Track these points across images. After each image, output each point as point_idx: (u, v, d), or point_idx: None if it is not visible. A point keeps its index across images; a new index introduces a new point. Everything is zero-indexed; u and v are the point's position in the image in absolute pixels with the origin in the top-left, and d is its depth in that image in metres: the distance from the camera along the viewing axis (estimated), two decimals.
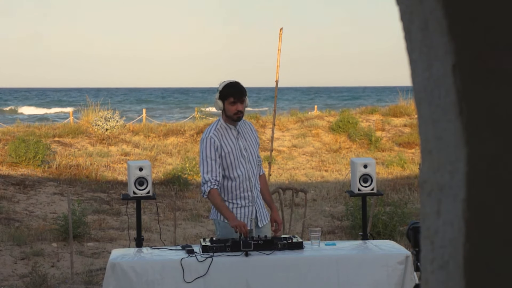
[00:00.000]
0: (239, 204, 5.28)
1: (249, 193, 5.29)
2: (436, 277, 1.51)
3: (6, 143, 15.99)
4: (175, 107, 58.55)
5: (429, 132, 1.54)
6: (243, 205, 5.28)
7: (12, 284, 7.27)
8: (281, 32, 8.58)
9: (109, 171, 15.21)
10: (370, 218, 7.93)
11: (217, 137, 5.23)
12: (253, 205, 5.31)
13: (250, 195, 5.29)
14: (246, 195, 5.28)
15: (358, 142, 19.03)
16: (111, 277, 4.84)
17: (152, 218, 10.86)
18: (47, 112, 50.47)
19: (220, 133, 5.26)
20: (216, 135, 5.23)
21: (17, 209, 11.19)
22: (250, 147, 5.34)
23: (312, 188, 13.54)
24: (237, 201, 5.28)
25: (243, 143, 5.31)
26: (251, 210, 5.30)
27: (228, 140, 5.27)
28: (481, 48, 1.40)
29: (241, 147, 5.30)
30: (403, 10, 1.58)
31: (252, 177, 5.31)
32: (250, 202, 5.29)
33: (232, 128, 5.30)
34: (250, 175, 5.29)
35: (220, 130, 5.28)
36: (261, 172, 5.51)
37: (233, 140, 5.28)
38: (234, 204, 5.27)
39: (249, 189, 5.29)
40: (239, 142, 5.30)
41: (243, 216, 5.27)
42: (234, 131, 5.30)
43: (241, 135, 5.33)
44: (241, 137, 5.32)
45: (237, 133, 5.31)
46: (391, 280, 4.99)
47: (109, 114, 18.92)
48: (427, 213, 1.55)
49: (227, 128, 5.29)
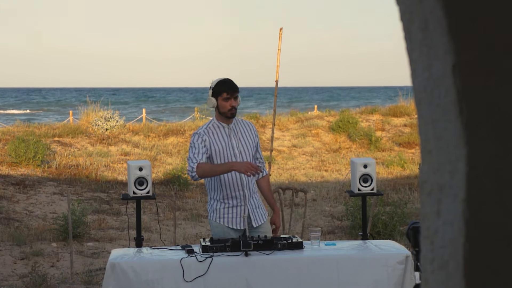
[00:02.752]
0: (230, 204, 5.27)
1: (240, 193, 5.27)
2: (436, 277, 1.51)
3: (6, 143, 15.99)
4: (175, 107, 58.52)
5: (429, 132, 1.54)
6: (235, 205, 5.27)
7: (12, 284, 7.27)
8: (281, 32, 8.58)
9: (109, 171, 15.20)
10: (370, 218, 7.93)
11: (207, 133, 5.25)
12: (245, 205, 5.29)
13: (242, 195, 5.28)
14: (238, 194, 5.27)
15: (358, 142, 19.02)
16: (110, 277, 4.84)
17: (152, 218, 10.86)
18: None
19: (210, 131, 5.28)
20: (206, 132, 5.26)
21: (17, 209, 11.19)
22: (244, 147, 5.32)
23: (312, 188, 13.54)
24: (228, 201, 5.27)
25: (236, 142, 5.31)
26: (243, 210, 5.29)
27: (220, 138, 5.27)
28: (481, 48, 1.40)
29: (233, 146, 5.29)
30: (403, 10, 1.58)
31: (244, 177, 5.28)
32: (242, 201, 5.28)
33: (225, 126, 5.30)
34: (241, 175, 5.28)
35: (211, 129, 5.29)
36: (264, 173, 5.50)
37: (225, 138, 5.28)
38: (226, 203, 5.27)
39: (240, 189, 5.27)
40: (231, 141, 5.29)
41: (235, 215, 5.27)
42: (226, 129, 5.30)
43: (235, 134, 5.32)
44: (234, 136, 5.32)
45: (229, 132, 5.31)
46: (391, 280, 4.99)
47: (109, 114, 18.91)
48: (427, 213, 1.55)
49: (219, 126, 5.30)
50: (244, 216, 5.24)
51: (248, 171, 4.95)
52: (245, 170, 4.96)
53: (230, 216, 5.23)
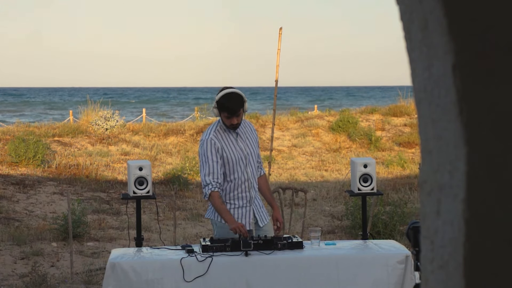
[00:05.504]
0: (237, 205, 5.28)
1: (247, 194, 5.29)
2: (436, 277, 1.51)
3: (6, 142, 15.99)
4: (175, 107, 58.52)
5: (429, 132, 1.54)
6: (241, 206, 5.29)
7: (12, 283, 7.27)
8: (280, 32, 8.58)
9: (109, 171, 15.20)
10: (370, 217, 7.93)
11: (217, 138, 5.22)
12: (251, 206, 5.31)
13: (248, 196, 5.29)
14: (244, 195, 5.28)
15: (358, 142, 19.02)
16: (110, 277, 4.84)
17: (152, 217, 10.85)
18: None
19: (220, 135, 5.26)
20: (216, 137, 5.23)
21: (17, 208, 11.18)
22: (249, 148, 5.33)
23: (312, 187, 13.54)
24: (235, 202, 5.28)
25: (242, 145, 5.31)
26: (249, 211, 5.30)
27: (228, 142, 5.27)
28: (481, 48, 1.40)
29: (241, 149, 5.29)
30: (403, 10, 1.58)
31: (252, 178, 5.31)
32: (248, 202, 5.29)
33: (231, 131, 5.30)
34: (249, 176, 5.29)
35: (220, 132, 5.27)
36: (261, 172, 5.51)
37: (233, 141, 5.28)
38: (232, 204, 5.28)
39: (247, 190, 5.29)
40: (239, 144, 5.30)
41: (241, 216, 5.28)
42: (233, 133, 5.30)
43: (240, 136, 5.32)
44: (240, 138, 5.32)
45: (236, 135, 5.30)
46: (391, 279, 4.99)
47: (109, 113, 18.90)
48: (427, 213, 1.55)
49: (226, 130, 5.29)
50: (252, 222, 5.26)
51: (236, 230, 4.96)
52: (233, 228, 4.97)
53: (236, 217, 5.23)
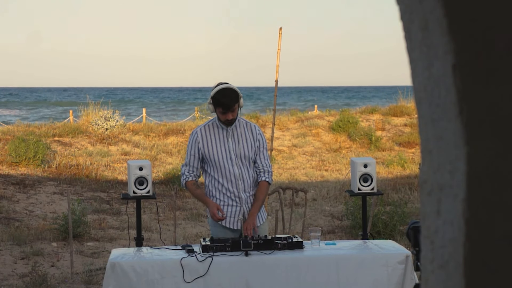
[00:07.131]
0: (226, 203, 5.28)
1: (235, 195, 5.27)
2: (436, 277, 1.51)
3: (6, 142, 15.99)
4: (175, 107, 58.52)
5: (429, 132, 1.54)
6: (230, 204, 5.28)
7: (12, 283, 7.27)
8: (280, 32, 8.58)
9: (109, 171, 15.20)
10: (370, 217, 7.93)
11: (203, 134, 5.28)
12: (241, 206, 5.29)
13: (237, 196, 5.28)
14: (232, 196, 5.27)
15: (358, 142, 19.02)
16: (111, 277, 4.84)
17: (152, 217, 10.86)
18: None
19: (208, 131, 5.29)
20: (202, 132, 5.29)
21: (17, 208, 11.18)
22: (242, 149, 5.28)
23: (312, 187, 13.54)
24: (224, 199, 5.28)
25: (233, 145, 5.28)
26: (239, 210, 5.29)
27: (215, 140, 5.26)
28: (481, 48, 1.40)
29: (230, 149, 5.27)
30: (403, 10, 1.58)
31: (240, 180, 5.26)
32: (238, 203, 5.28)
33: (224, 128, 5.29)
34: (237, 178, 5.25)
35: (210, 128, 5.30)
36: (262, 178, 5.33)
37: (221, 140, 5.27)
38: (221, 201, 5.29)
39: (235, 191, 5.26)
40: (228, 144, 5.28)
41: (230, 214, 5.27)
42: (225, 131, 5.28)
43: (233, 137, 5.30)
44: (232, 139, 5.29)
45: (227, 134, 5.29)
46: (391, 279, 4.99)
47: (109, 113, 18.90)
48: (427, 212, 1.55)
49: (219, 127, 5.29)
50: (240, 218, 5.24)
51: (213, 216, 5.14)
52: (211, 213, 5.16)
53: (227, 214, 5.24)
